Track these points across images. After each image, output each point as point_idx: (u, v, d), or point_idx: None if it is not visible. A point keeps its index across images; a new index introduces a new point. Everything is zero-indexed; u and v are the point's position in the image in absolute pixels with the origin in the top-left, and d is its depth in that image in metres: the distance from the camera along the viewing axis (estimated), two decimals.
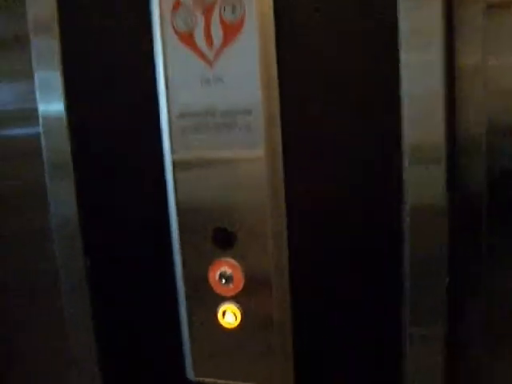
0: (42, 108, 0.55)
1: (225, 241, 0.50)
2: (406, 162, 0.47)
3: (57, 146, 0.56)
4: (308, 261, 0.51)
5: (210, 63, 0.48)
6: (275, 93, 0.48)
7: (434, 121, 0.47)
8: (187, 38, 0.49)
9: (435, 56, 0.46)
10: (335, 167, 0.49)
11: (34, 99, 0.56)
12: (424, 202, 0.48)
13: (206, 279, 0.51)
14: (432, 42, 0.46)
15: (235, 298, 0.51)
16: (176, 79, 0.49)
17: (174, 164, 0.51)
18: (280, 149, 0.49)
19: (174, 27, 0.49)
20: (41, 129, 0.56)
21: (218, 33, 0.48)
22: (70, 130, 0.55)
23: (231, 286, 0.51)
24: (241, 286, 0.51)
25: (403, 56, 0.46)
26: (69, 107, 0.54)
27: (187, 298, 0.52)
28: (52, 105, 0.55)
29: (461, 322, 0.53)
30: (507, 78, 0.53)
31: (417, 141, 0.47)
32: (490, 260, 0.54)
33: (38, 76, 0.55)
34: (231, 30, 0.47)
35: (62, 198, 0.56)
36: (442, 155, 0.47)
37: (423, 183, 0.47)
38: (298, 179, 0.49)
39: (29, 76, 0.56)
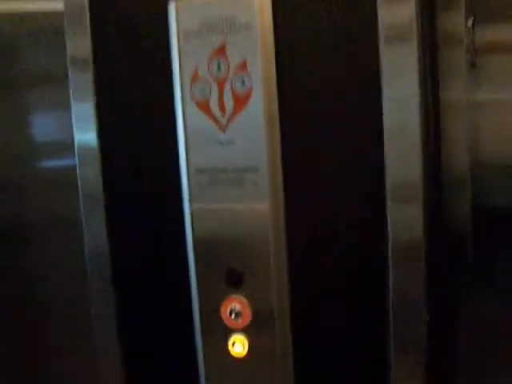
0: (78, 139, 0.61)
1: (235, 281, 0.58)
2: (388, 200, 0.52)
3: (90, 177, 0.61)
4: (307, 300, 0.57)
5: (222, 128, 0.56)
6: (278, 154, 0.55)
7: (412, 158, 0.51)
8: (204, 106, 0.56)
9: (411, 93, 0.50)
10: (330, 220, 0.56)
11: (70, 131, 0.61)
12: (403, 239, 0.52)
13: (218, 313, 0.58)
14: (408, 79, 0.50)
15: (243, 331, 0.58)
16: (194, 140, 0.57)
17: (192, 213, 0.58)
18: (282, 202, 0.56)
19: (192, 96, 0.56)
20: (76, 160, 0.61)
21: (229, 102, 0.55)
22: (102, 163, 0.61)
23: (240, 320, 0.58)
24: (248, 320, 0.58)
25: (384, 93, 0.51)
26: (102, 140, 0.60)
27: (202, 329, 0.59)
28: (86, 136, 0.60)
29: (443, 352, 0.59)
30: (491, 115, 0.56)
31: (396, 178, 0.51)
32: (475, 292, 0.58)
33: (75, 108, 0.61)
34: (241, 100, 0.55)
35: (95, 229, 0.62)
36: (419, 192, 0.51)
37: (403, 220, 0.52)
38: (298, 228, 0.56)
39: (66, 108, 0.61)
